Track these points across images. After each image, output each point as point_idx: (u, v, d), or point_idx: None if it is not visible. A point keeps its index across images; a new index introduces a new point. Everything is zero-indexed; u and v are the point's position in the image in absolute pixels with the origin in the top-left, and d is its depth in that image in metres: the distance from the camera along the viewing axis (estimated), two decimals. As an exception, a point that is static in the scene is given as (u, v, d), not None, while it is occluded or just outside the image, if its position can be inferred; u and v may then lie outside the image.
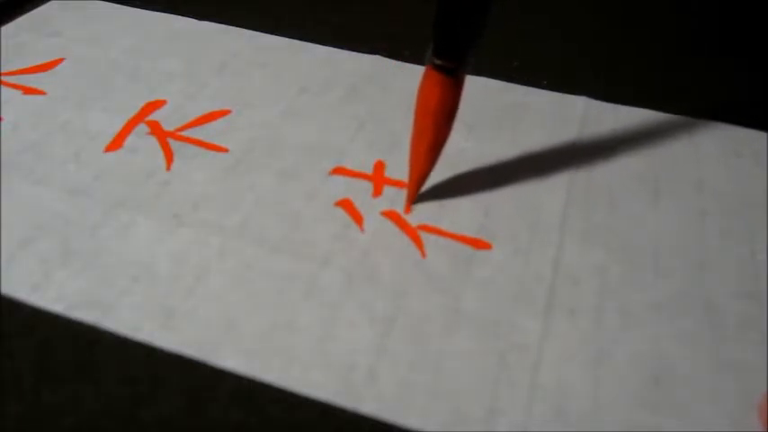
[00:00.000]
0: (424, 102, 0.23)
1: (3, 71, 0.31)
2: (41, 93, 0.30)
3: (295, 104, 0.30)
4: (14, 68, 0.31)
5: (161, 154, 0.27)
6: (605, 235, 0.24)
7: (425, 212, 0.25)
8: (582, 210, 0.25)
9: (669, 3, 0.40)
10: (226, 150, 0.27)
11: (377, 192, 0.26)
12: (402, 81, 0.31)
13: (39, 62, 0.32)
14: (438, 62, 0.22)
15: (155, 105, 0.29)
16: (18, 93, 0.30)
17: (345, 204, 0.25)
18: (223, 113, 0.29)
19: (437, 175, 0.26)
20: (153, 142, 0.27)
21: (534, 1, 0.39)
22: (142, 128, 0.28)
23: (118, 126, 0.28)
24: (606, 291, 0.22)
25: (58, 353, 0.20)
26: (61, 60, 0.32)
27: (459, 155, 0.27)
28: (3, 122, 0.28)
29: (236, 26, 0.35)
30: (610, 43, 0.36)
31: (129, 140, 0.28)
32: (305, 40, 0.34)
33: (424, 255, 0.23)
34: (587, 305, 0.22)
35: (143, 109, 0.29)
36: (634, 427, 0.19)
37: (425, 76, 0.23)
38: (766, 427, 0.18)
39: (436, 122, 0.23)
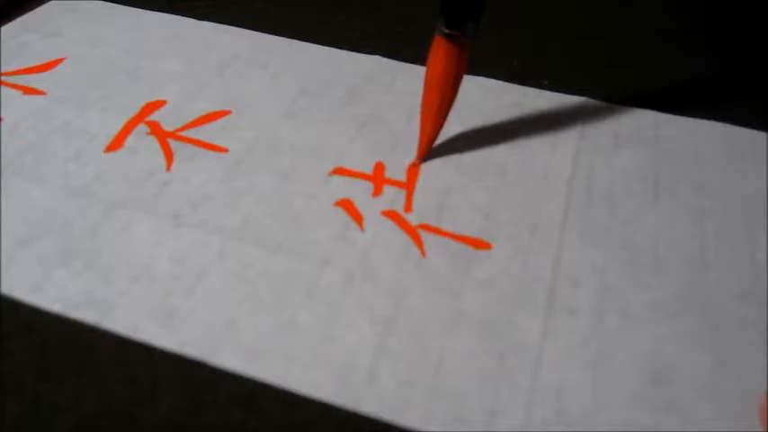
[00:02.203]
0: (432, 67, 0.26)
1: (3, 71, 0.31)
2: (41, 93, 0.30)
3: (295, 105, 0.30)
4: (14, 68, 0.31)
5: (161, 154, 0.27)
6: (605, 235, 0.24)
7: (425, 212, 0.25)
8: (582, 210, 0.25)
9: (669, 3, 0.40)
10: (226, 150, 0.27)
11: (377, 192, 0.26)
12: (402, 81, 0.31)
13: (39, 62, 0.32)
14: (445, 31, 0.25)
15: (155, 105, 0.29)
16: (18, 93, 0.30)
17: (345, 204, 0.25)
18: (223, 113, 0.29)
19: (437, 175, 0.26)
20: (153, 142, 0.27)
21: (534, 1, 0.39)
22: (142, 128, 0.28)
23: (118, 126, 0.28)
24: (606, 291, 0.22)
25: (57, 353, 0.20)
26: (61, 60, 0.32)
27: (458, 155, 0.27)
28: (3, 122, 0.28)
29: (236, 26, 0.35)
30: (610, 43, 0.36)
31: (129, 140, 0.28)
32: (305, 40, 0.34)
33: (424, 254, 0.23)
34: (587, 305, 0.22)
35: (143, 109, 0.29)
36: (634, 427, 0.19)
37: (434, 44, 0.26)
38: (766, 427, 0.18)
39: (442, 86, 0.26)
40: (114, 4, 0.36)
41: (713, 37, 0.36)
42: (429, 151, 0.27)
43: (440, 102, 0.26)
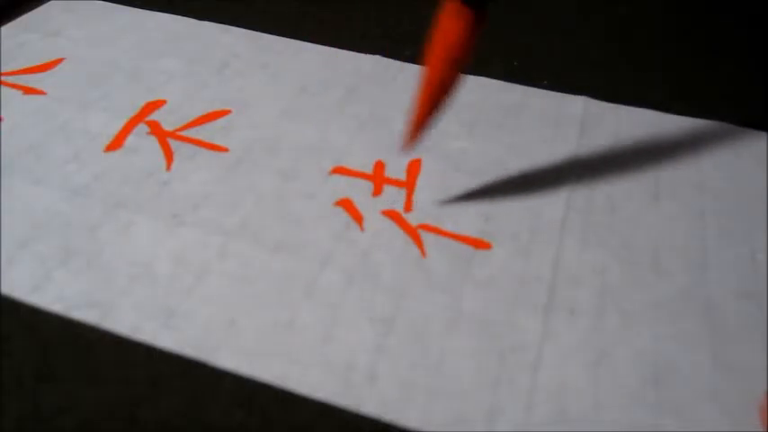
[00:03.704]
0: (439, 39, 0.22)
1: (3, 71, 0.31)
2: (41, 93, 0.30)
3: (295, 104, 0.30)
4: (14, 68, 0.31)
5: (161, 154, 0.27)
6: (605, 235, 0.24)
7: (426, 212, 0.25)
8: (582, 210, 0.25)
9: (669, 3, 0.40)
10: (226, 150, 0.27)
11: (377, 191, 0.26)
12: (402, 81, 0.31)
13: (39, 62, 0.32)
14: None
15: (155, 105, 0.29)
16: (18, 93, 0.30)
17: (345, 204, 0.25)
18: (223, 113, 0.29)
19: (438, 175, 0.26)
20: (153, 142, 0.27)
21: (534, 1, 0.39)
22: (142, 128, 0.28)
23: (118, 126, 0.28)
24: (606, 291, 0.22)
25: (58, 353, 0.20)
26: (61, 60, 0.32)
27: (459, 155, 0.27)
28: (3, 122, 0.28)
29: (236, 26, 0.35)
30: (610, 43, 0.36)
31: (129, 140, 0.28)
32: (305, 40, 0.34)
33: (424, 254, 0.23)
34: (587, 305, 0.22)
35: (143, 109, 0.29)
36: (634, 427, 0.19)
37: (444, 12, 0.22)
38: (766, 427, 0.18)
39: (448, 63, 0.22)
40: (114, 4, 0.36)
41: (713, 37, 0.36)
42: (419, 138, 0.24)
43: (441, 81, 0.22)
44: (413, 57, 0.33)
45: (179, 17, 0.36)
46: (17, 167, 0.26)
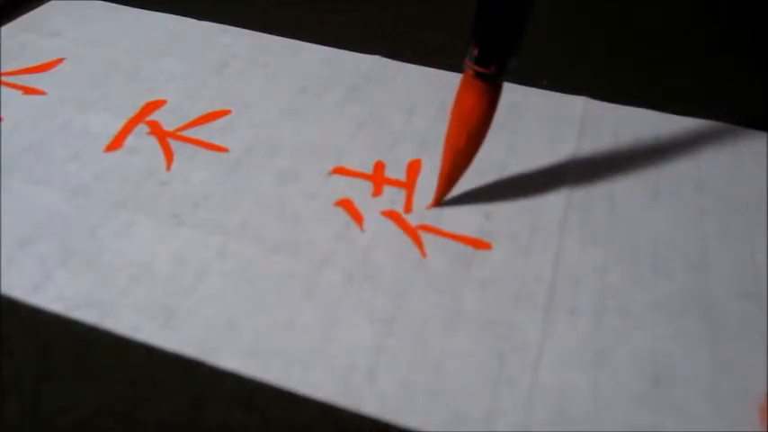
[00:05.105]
0: (459, 107, 0.23)
1: (3, 71, 0.31)
2: (41, 93, 0.30)
3: (295, 104, 0.30)
4: (14, 68, 0.31)
5: (161, 154, 0.27)
6: (605, 235, 0.24)
7: (425, 212, 0.25)
8: (582, 210, 0.25)
9: (669, 3, 0.40)
10: (226, 150, 0.27)
11: (377, 191, 0.26)
12: (402, 81, 0.31)
13: (39, 62, 0.32)
14: (477, 69, 0.22)
15: (155, 105, 0.29)
16: (18, 93, 0.30)
17: (345, 204, 0.25)
18: (223, 113, 0.29)
19: (437, 175, 0.26)
20: (153, 142, 0.27)
21: (534, 1, 0.39)
22: (142, 128, 0.28)
23: (118, 126, 0.28)
24: (606, 291, 0.22)
25: (58, 353, 0.20)
26: (61, 60, 0.32)
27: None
28: (3, 122, 0.28)
29: (236, 26, 0.35)
30: (610, 43, 0.36)
31: (129, 140, 0.28)
32: (305, 40, 0.34)
33: (424, 255, 0.23)
34: (587, 305, 0.22)
35: (143, 109, 0.29)
36: (634, 427, 0.19)
37: (462, 83, 0.23)
38: (766, 427, 0.18)
39: (469, 129, 0.23)
40: (114, 4, 0.36)
41: (713, 37, 0.36)
42: (447, 194, 0.25)
43: (465, 144, 0.23)
44: (413, 57, 0.33)
45: (179, 17, 0.36)
46: (17, 167, 0.26)
